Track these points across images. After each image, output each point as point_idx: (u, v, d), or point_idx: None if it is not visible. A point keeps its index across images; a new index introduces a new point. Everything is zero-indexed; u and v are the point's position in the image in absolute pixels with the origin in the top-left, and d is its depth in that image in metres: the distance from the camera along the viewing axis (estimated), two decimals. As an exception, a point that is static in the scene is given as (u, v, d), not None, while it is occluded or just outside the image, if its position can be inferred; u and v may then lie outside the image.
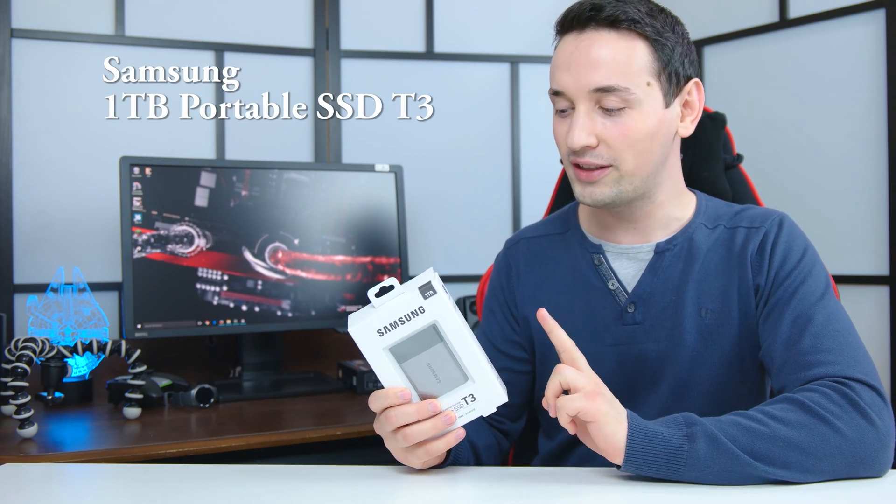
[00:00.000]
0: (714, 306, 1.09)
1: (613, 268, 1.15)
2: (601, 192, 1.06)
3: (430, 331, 0.91)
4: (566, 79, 1.05)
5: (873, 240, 1.90)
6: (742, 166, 1.39)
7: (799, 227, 1.13)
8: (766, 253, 1.08)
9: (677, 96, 1.08)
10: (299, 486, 0.96)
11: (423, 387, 0.93)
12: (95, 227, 2.01)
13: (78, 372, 1.78)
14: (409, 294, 0.90)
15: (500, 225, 2.33)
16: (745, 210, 1.15)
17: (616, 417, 0.90)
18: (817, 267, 1.08)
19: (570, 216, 1.24)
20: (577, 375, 0.90)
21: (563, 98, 1.06)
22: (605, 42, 1.04)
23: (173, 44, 2.10)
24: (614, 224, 1.15)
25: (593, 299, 1.15)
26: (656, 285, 1.11)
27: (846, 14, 1.94)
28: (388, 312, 0.90)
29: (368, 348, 0.92)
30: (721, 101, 2.17)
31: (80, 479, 1.06)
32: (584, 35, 1.05)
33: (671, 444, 0.88)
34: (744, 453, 0.87)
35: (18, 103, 1.97)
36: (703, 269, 1.11)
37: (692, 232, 1.13)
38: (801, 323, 1.01)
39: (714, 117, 1.36)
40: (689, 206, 1.16)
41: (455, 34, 2.32)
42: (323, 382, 1.89)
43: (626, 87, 1.03)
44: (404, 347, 0.91)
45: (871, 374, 0.96)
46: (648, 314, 1.11)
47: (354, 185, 1.95)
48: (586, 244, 1.18)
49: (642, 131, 1.04)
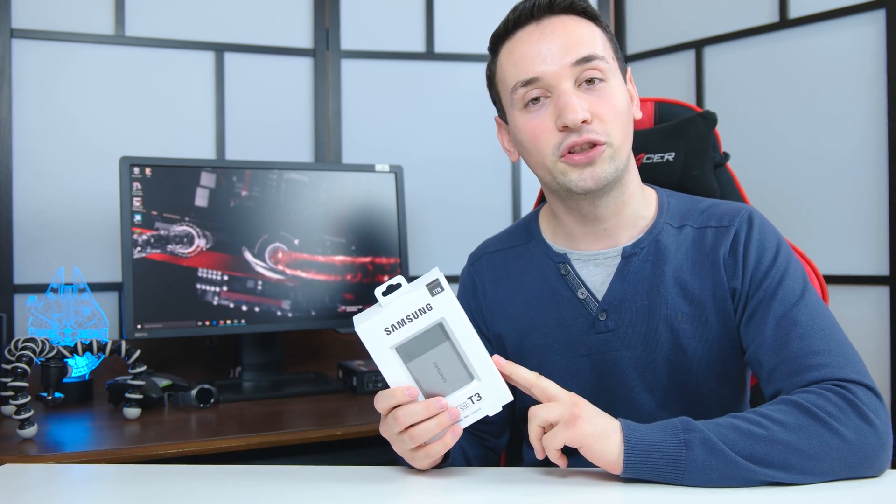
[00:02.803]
0: (689, 310, 1.07)
1: (581, 276, 1.12)
2: (602, 169, 1.04)
3: (436, 329, 0.91)
4: (540, 62, 1.03)
5: (873, 240, 1.90)
6: (729, 165, 1.39)
7: (768, 220, 1.10)
8: (738, 254, 1.06)
9: (625, 81, 1.11)
10: (299, 487, 0.95)
11: (429, 386, 0.93)
12: (95, 227, 2.01)
13: (78, 372, 1.78)
14: (417, 291, 0.90)
15: (500, 225, 2.33)
16: (712, 207, 1.13)
17: (603, 433, 0.89)
18: (793, 262, 1.06)
19: (532, 226, 1.21)
20: (548, 411, 0.90)
21: (535, 86, 1.04)
22: (568, 22, 1.06)
23: (173, 44, 2.10)
24: (580, 231, 1.13)
25: (564, 310, 1.12)
26: (627, 291, 1.09)
27: (846, 14, 1.94)
28: (395, 310, 0.90)
29: (375, 348, 0.92)
30: (721, 102, 2.17)
31: (80, 480, 1.06)
32: (544, 22, 1.06)
33: (668, 453, 0.87)
34: (742, 458, 0.87)
35: (18, 103, 1.97)
36: (674, 271, 1.08)
37: (658, 233, 1.11)
38: (787, 325, 1.00)
39: (706, 116, 1.36)
40: (651, 202, 1.14)
41: (455, 34, 2.32)
42: (323, 383, 1.89)
43: (603, 56, 1.05)
44: (411, 346, 0.91)
45: (864, 373, 0.96)
46: (621, 321, 1.09)
47: (354, 185, 1.95)
48: (551, 254, 1.15)
49: (622, 104, 1.06)
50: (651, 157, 1.34)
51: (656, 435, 0.89)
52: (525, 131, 1.07)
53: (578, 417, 0.89)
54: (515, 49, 1.07)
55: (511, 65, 1.07)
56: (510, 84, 1.07)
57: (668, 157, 1.34)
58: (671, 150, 1.34)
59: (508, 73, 1.07)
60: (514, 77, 1.06)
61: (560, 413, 0.89)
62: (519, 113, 1.07)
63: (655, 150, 1.33)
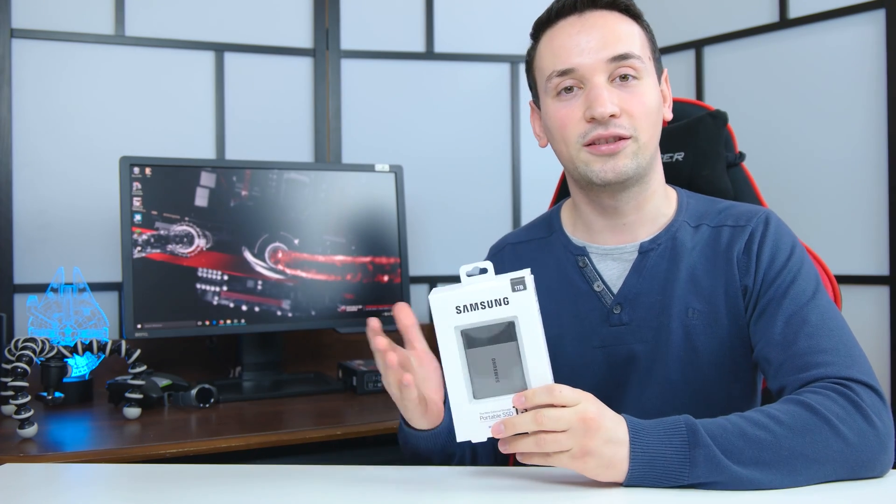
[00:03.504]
0: (701, 307, 1.08)
1: (598, 269, 1.14)
2: (624, 163, 1.06)
3: (507, 326, 0.88)
4: (577, 54, 1.06)
5: (873, 240, 1.90)
6: (744, 164, 1.39)
7: (785, 224, 1.12)
8: (752, 253, 1.07)
9: (659, 82, 1.13)
10: (299, 487, 0.95)
11: (478, 380, 0.89)
12: (95, 227, 2.01)
13: (78, 372, 1.78)
14: (499, 282, 0.87)
15: (500, 225, 2.33)
16: (730, 208, 1.14)
17: (611, 462, 0.86)
18: (806, 264, 1.07)
19: (554, 220, 1.23)
20: (559, 444, 0.86)
21: (570, 77, 1.06)
22: (609, 18, 1.08)
23: (173, 44, 2.10)
24: (600, 224, 1.15)
25: (579, 302, 1.14)
26: (642, 285, 1.11)
27: (846, 14, 1.94)
28: (472, 292, 0.88)
29: (441, 321, 0.88)
30: (721, 101, 2.17)
31: (80, 479, 1.06)
32: (586, 15, 1.08)
33: (671, 469, 0.86)
34: (746, 468, 0.86)
35: (18, 103, 1.97)
36: (688, 269, 1.10)
37: (675, 230, 1.13)
38: (796, 323, 1.01)
39: (715, 115, 1.36)
40: (671, 202, 1.16)
41: (455, 34, 2.32)
42: (323, 382, 1.89)
43: (639, 55, 1.06)
44: (476, 333, 0.88)
45: (870, 373, 0.96)
46: (635, 315, 1.10)
47: (354, 185, 1.95)
48: (570, 247, 1.17)
49: (653, 102, 1.08)
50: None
51: (662, 447, 0.87)
52: (554, 118, 1.09)
53: (588, 454, 0.86)
54: (555, 38, 1.09)
55: (549, 53, 1.09)
56: (546, 72, 1.09)
57: (678, 157, 1.34)
58: (680, 150, 1.34)
59: (546, 61, 1.10)
60: (551, 66, 1.08)
61: (571, 444, 0.86)
62: (551, 100, 1.10)
63: (664, 150, 1.33)
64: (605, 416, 0.87)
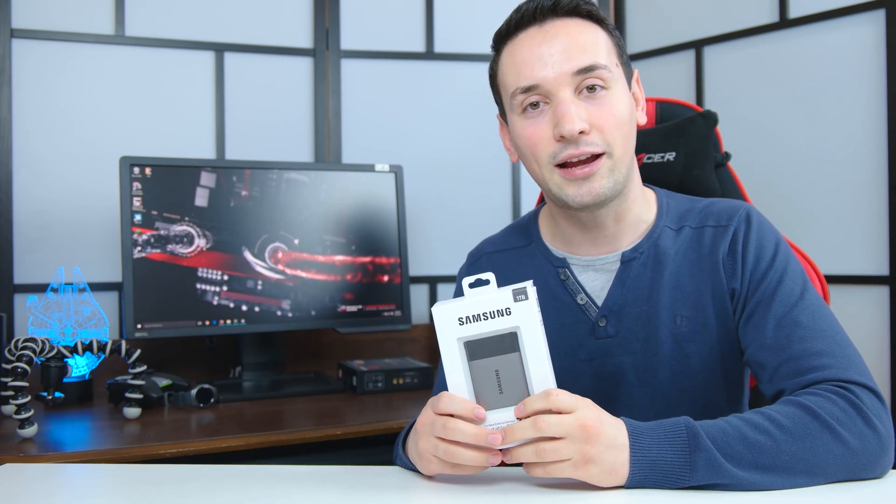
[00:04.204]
0: (689, 313, 1.06)
1: (580, 281, 1.11)
2: (600, 185, 1.02)
3: (509, 336, 0.87)
4: (541, 68, 1.01)
5: (873, 240, 1.90)
6: (730, 164, 1.39)
7: (766, 219, 1.09)
8: (737, 255, 1.05)
9: (629, 86, 1.09)
10: (299, 487, 0.95)
11: (482, 392, 0.89)
12: (95, 227, 2.01)
13: (78, 372, 1.78)
14: (501, 292, 0.87)
15: (500, 225, 2.31)
16: (710, 206, 1.11)
17: (612, 468, 0.86)
18: (792, 261, 1.05)
19: (532, 228, 1.19)
20: (557, 452, 0.85)
21: (535, 93, 1.02)
22: (572, 26, 1.03)
23: (173, 44, 2.10)
24: (578, 237, 1.11)
25: (564, 315, 1.11)
26: (626, 296, 1.08)
27: (846, 14, 1.94)
28: (474, 303, 0.87)
29: (444, 334, 0.88)
30: (721, 102, 2.17)
31: (80, 479, 1.06)
32: (546, 25, 1.03)
33: (671, 472, 0.86)
34: (746, 472, 0.86)
35: (18, 103, 1.97)
36: (673, 275, 1.07)
37: (657, 237, 1.10)
38: (787, 326, 0.99)
39: (706, 116, 1.35)
40: (651, 205, 1.13)
41: (455, 34, 2.32)
42: (323, 382, 1.89)
43: (606, 64, 1.02)
44: (479, 345, 0.88)
45: (867, 374, 0.96)
46: (621, 326, 1.08)
47: (354, 185, 1.95)
48: (550, 258, 1.14)
49: (624, 112, 1.03)
50: (651, 156, 1.34)
51: (662, 450, 0.87)
52: (522, 137, 1.05)
53: (589, 461, 0.85)
54: (517, 52, 1.05)
55: (511, 68, 1.05)
56: (510, 88, 1.05)
57: (669, 157, 1.34)
58: (671, 150, 1.34)
59: (509, 77, 1.06)
60: (514, 82, 1.04)
61: (571, 453, 0.85)
62: (518, 118, 1.06)
63: (656, 150, 1.33)
64: (605, 422, 0.87)
